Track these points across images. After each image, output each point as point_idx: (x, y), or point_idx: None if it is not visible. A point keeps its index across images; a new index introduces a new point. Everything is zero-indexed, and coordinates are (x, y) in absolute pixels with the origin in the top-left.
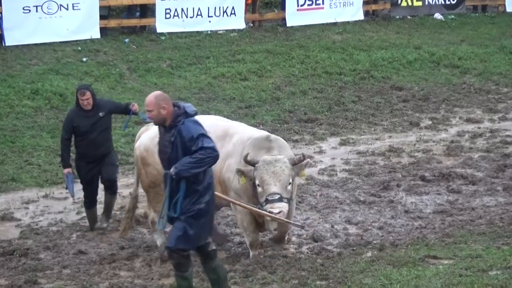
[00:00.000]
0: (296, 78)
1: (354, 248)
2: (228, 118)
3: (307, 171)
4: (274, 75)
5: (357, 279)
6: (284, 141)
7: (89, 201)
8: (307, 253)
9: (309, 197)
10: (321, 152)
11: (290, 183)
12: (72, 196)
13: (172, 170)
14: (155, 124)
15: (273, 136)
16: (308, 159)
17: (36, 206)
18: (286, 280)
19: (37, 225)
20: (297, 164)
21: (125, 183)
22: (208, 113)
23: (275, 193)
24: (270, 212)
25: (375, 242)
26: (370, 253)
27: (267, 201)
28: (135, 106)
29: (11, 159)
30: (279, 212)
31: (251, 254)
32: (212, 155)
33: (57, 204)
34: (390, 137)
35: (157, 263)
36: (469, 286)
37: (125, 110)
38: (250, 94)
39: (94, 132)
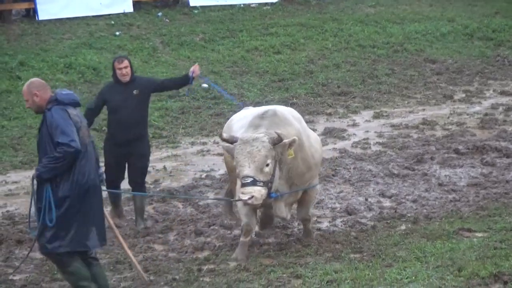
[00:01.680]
0: (329, 51)
1: (388, 221)
2: (261, 91)
3: (342, 144)
4: (307, 48)
5: (391, 252)
6: (290, 115)
7: (109, 185)
8: (341, 226)
9: (343, 170)
10: (354, 125)
11: (267, 165)
12: None
13: (34, 172)
14: (36, 113)
15: (272, 112)
16: (295, 138)
17: None
18: (320, 253)
19: None
20: (277, 144)
21: (158, 157)
22: (241, 87)
23: (247, 176)
24: (240, 198)
25: (409, 215)
26: (404, 226)
27: (242, 185)
28: (196, 68)
29: None
30: (251, 198)
31: (240, 240)
32: (67, 152)
33: None
34: (423, 110)
35: (191, 236)
36: (504, 259)
37: (183, 80)
38: (283, 68)
39: (125, 109)
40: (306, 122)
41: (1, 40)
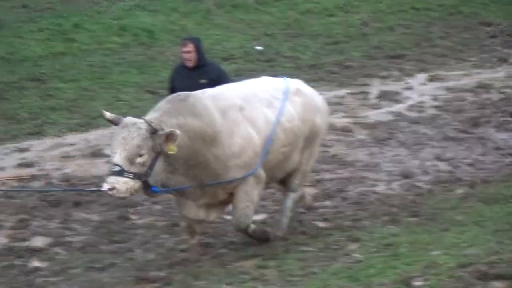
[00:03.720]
0: (384, 13)
1: (445, 185)
2: (315, 54)
3: (397, 107)
4: (361, 10)
5: (448, 216)
6: (208, 102)
7: None
8: (397, 189)
9: (398, 134)
10: (409, 88)
11: (140, 155)
12: None
13: None
14: None
15: (183, 96)
16: (173, 130)
17: None
18: (377, 217)
19: None
20: (154, 133)
21: None
22: (295, 49)
23: (115, 165)
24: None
25: (465, 179)
26: (461, 190)
27: (109, 173)
28: None
29: (100, 95)
30: (112, 189)
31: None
32: None
33: None
34: (478, 73)
35: None
36: None
37: None
38: (337, 30)
39: None
40: (361, 85)
41: (54, 2)
